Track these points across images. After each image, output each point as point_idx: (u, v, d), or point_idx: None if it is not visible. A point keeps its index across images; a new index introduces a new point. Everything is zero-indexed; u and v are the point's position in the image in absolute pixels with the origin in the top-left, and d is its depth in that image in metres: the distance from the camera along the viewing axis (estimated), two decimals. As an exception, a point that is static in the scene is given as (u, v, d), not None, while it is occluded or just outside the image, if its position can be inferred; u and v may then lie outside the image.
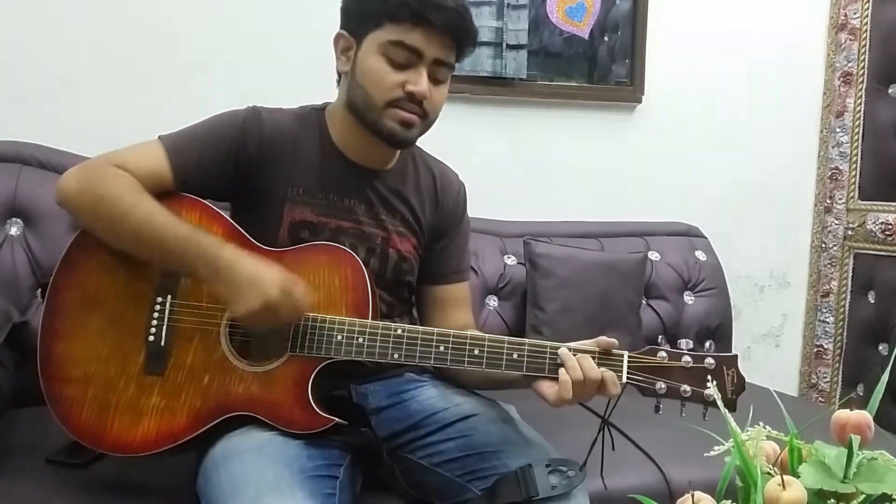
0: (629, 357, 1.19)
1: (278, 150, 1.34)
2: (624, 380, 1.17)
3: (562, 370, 1.16)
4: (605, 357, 1.18)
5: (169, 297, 1.26)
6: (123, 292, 1.27)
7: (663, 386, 1.17)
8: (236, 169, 1.32)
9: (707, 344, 1.24)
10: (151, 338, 1.25)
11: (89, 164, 1.30)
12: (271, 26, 2.18)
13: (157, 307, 1.26)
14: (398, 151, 1.43)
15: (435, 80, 1.31)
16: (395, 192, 1.41)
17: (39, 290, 1.32)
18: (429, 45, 1.27)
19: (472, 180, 1.58)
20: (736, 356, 1.20)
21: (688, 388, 1.17)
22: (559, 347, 1.19)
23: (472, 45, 1.35)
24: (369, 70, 1.29)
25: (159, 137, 1.32)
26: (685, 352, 1.19)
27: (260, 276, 1.18)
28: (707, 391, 1.16)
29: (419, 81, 1.28)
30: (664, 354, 1.19)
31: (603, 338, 1.19)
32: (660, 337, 1.24)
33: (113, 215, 1.23)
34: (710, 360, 1.18)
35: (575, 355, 1.17)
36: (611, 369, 1.17)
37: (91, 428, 1.24)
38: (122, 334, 1.26)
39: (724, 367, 1.18)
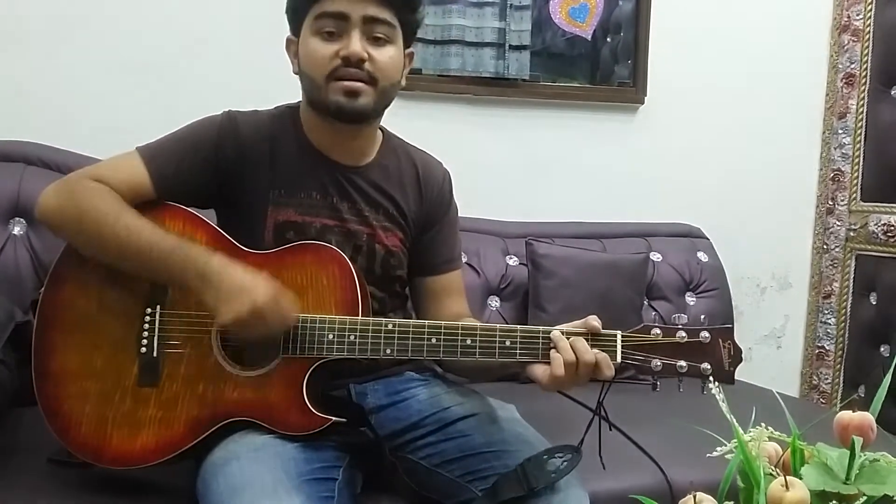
0: (623, 336, 1.17)
1: (257, 153, 1.34)
2: (619, 359, 1.16)
3: (554, 352, 1.15)
4: (598, 338, 1.16)
5: (158, 307, 1.26)
6: (113, 305, 1.26)
7: (659, 363, 1.16)
8: (216, 174, 1.32)
9: (702, 317, 1.23)
10: (143, 349, 1.25)
11: (68, 179, 1.29)
12: (273, 25, 2.18)
13: (147, 318, 1.26)
14: (377, 145, 1.42)
15: (374, 40, 1.28)
16: (377, 187, 1.39)
17: (30, 306, 1.32)
18: (352, 5, 1.26)
19: (475, 180, 1.59)
20: (731, 328, 1.19)
21: (684, 364, 1.16)
22: (551, 331, 1.17)
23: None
24: (306, 53, 1.30)
25: (137, 149, 1.32)
26: (679, 327, 1.17)
27: (249, 283, 1.18)
28: (704, 365, 1.15)
29: (349, 44, 1.26)
30: (658, 331, 1.17)
31: (590, 318, 1.17)
32: (654, 314, 1.23)
33: (96, 230, 1.22)
34: (705, 334, 1.17)
35: (568, 338, 1.16)
36: (605, 350, 1.15)
37: (91, 443, 1.24)
38: (115, 347, 1.25)
39: (721, 340, 1.17)
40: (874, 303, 2.57)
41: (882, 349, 2.52)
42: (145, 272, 1.24)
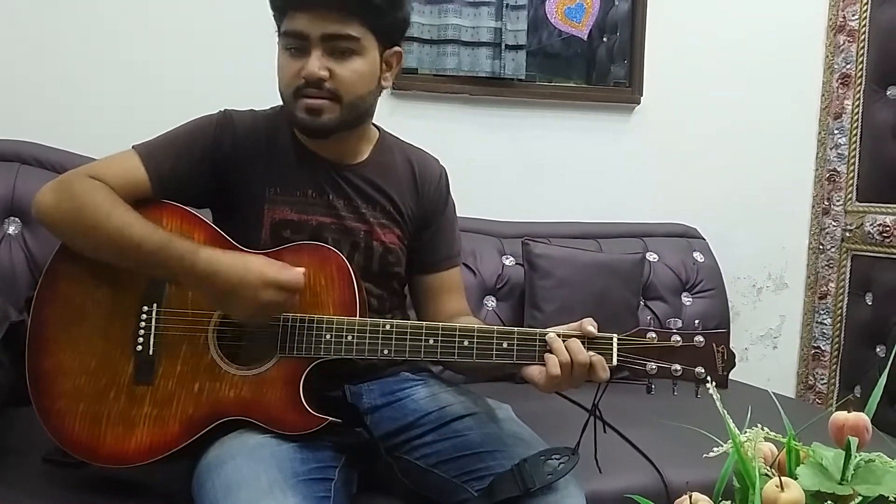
0: (619, 339, 1.17)
1: (252, 152, 1.34)
2: (614, 362, 1.16)
3: (549, 354, 1.16)
4: (594, 340, 1.17)
5: (154, 305, 1.26)
6: (109, 303, 1.26)
7: (654, 367, 1.17)
8: (213, 173, 1.32)
9: (696, 322, 1.24)
10: (139, 347, 1.25)
11: (65, 177, 1.29)
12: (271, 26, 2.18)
13: (144, 316, 1.26)
14: (372, 143, 1.42)
15: (337, 56, 1.27)
16: (373, 185, 1.39)
17: (24, 304, 1.31)
18: (312, 24, 1.25)
19: (471, 181, 1.59)
20: (725, 332, 1.21)
21: (679, 368, 1.17)
22: (547, 333, 1.18)
23: (370, 6, 1.27)
24: (278, 68, 1.31)
25: (133, 147, 1.32)
26: (674, 331, 1.19)
27: (243, 279, 1.17)
28: (698, 369, 1.16)
29: (307, 63, 1.26)
30: (653, 335, 1.18)
31: (586, 321, 1.18)
32: (649, 318, 1.24)
33: (91, 226, 1.22)
34: (699, 338, 1.18)
35: (564, 341, 1.16)
36: (600, 352, 1.15)
37: (84, 441, 1.23)
38: (110, 345, 1.25)
39: (714, 345, 1.18)
40: (870, 303, 2.57)
41: (878, 349, 2.52)
42: (139, 268, 1.24)
